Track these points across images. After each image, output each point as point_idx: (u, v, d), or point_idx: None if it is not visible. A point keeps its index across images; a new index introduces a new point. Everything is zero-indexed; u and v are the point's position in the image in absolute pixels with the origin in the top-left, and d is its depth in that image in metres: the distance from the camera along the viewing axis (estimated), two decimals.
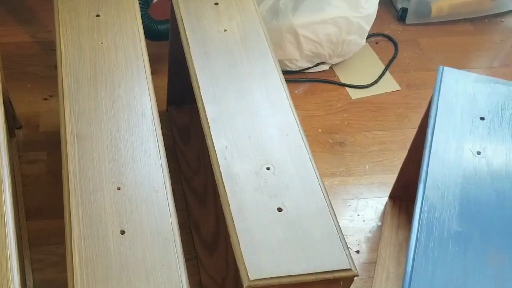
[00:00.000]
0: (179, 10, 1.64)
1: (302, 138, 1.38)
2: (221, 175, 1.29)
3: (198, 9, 1.64)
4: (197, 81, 1.47)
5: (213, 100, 1.43)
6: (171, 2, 1.70)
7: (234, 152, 1.33)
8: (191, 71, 1.50)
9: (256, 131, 1.38)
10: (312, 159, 1.35)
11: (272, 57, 1.55)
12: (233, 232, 1.20)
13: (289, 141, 1.37)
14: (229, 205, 1.24)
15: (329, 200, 1.29)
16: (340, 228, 1.24)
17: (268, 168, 1.32)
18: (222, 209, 1.26)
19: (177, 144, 1.96)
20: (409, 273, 1.19)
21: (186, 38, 1.57)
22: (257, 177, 1.30)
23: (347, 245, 1.21)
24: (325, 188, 1.31)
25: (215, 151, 1.33)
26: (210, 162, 1.33)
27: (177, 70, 1.91)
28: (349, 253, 1.20)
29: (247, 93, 1.46)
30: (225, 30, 1.59)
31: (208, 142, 1.36)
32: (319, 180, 1.32)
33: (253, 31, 1.61)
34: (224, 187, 1.27)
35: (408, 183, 1.83)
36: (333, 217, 1.25)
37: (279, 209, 1.25)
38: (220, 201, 1.27)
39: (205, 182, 1.84)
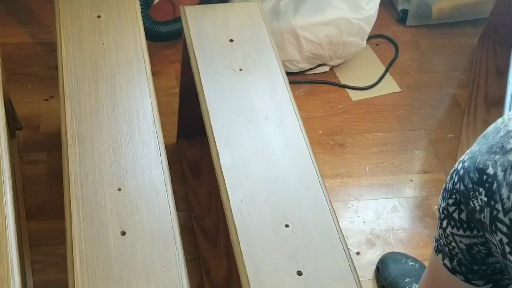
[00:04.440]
0: (192, 45, 1.53)
1: (323, 191, 1.29)
2: (236, 233, 1.20)
3: (212, 45, 1.54)
4: (210, 125, 1.37)
5: (227, 145, 1.33)
6: (184, 37, 1.59)
7: (251, 206, 1.24)
8: (203, 111, 1.40)
9: (273, 183, 1.28)
10: (333, 215, 1.25)
11: (291, 99, 1.45)
12: None
13: (309, 194, 1.27)
14: (244, 266, 1.15)
15: (352, 263, 1.19)
16: None
17: (287, 226, 1.22)
18: (233, 251, 1.19)
19: (187, 180, 1.85)
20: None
21: (199, 75, 1.47)
22: (275, 235, 1.20)
23: None
24: (348, 250, 1.21)
25: (230, 204, 1.24)
26: (222, 203, 1.25)
27: (188, 102, 1.81)
28: None
29: (263, 138, 1.36)
30: (241, 70, 1.49)
31: (223, 194, 1.26)
32: (341, 239, 1.22)
33: (269, 70, 1.51)
34: (240, 247, 1.18)
35: (496, 24, 1.86)
36: (357, 282, 1.16)
37: (299, 273, 1.16)
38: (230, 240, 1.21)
39: (217, 222, 1.74)
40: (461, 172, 1.19)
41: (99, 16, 1.57)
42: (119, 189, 1.23)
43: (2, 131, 1.30)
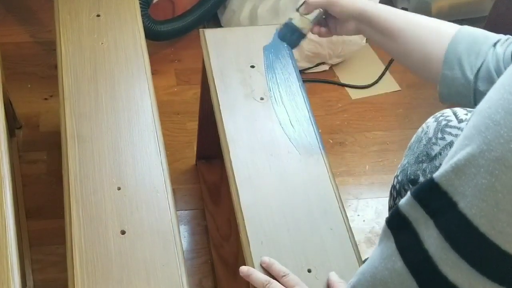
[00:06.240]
0: (211, 72, 1.46)
1: (349, 237, 1.22)
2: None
3: (233, 71, 1.47)
4: (230, 161, 1.29)
5: (248, 183, 1.25)
6: (203, 62, 1.52)
7: (272, 249, 1.16)
8: (223, 143, 1.34)
9: (296, 227, 1.20)
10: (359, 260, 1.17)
11: (316, 135, 1.39)
12: None
13: (333, 236, 1.19)
14: None
15: None
16: None
17: (309, 271, 1.13)
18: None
19: (206, 205, 1.78)
20: None
21: (219, 104, 1.41)
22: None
23: None
24: None
25: (250, 247, 1.17)
26: (241, 244, 1.18)
27: (207, 125, 1.73)
28: None
29: (286, 176, 1.28)
30: (262, 99, 1.42)
31: (243, 236, 1.19)
32: None
33: (294, 99, 1.45)
34: None
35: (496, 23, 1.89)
36: None
37: None
38: None
39: (236, 250, 1.63)
40: (397, 186, 1.19)
41: (98, 15, 1.57)
42: (119, 189, 1.24)
43: (1, 130, 1.30)
